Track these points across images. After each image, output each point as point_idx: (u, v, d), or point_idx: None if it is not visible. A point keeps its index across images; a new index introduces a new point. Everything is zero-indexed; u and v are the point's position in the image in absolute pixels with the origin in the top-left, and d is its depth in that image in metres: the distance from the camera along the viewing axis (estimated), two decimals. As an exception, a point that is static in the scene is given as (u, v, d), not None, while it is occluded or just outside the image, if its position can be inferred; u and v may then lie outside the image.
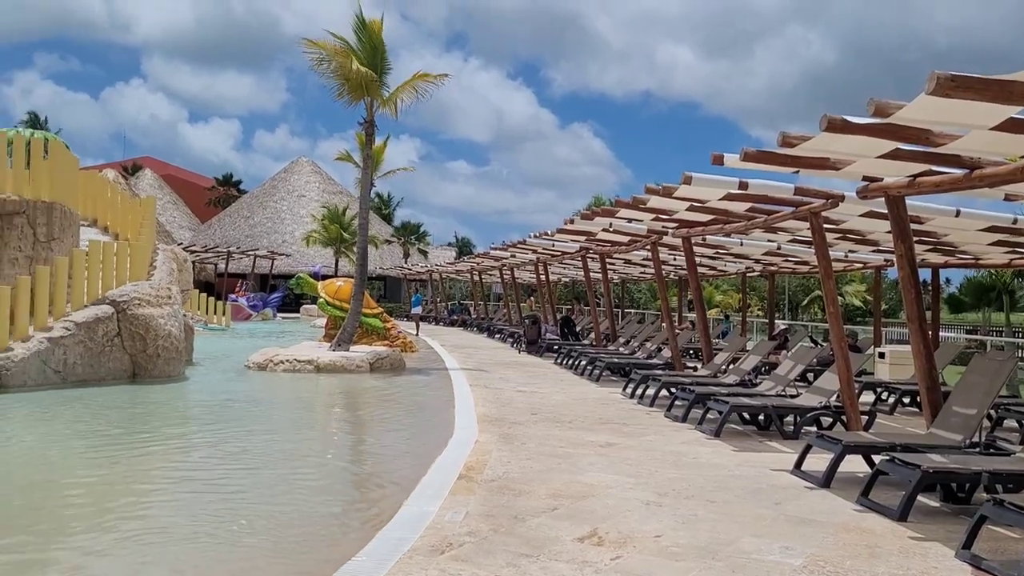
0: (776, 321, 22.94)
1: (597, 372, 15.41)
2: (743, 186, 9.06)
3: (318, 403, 13.33)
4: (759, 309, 39.69)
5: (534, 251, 23.04)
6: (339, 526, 6.11)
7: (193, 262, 29.37)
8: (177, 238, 53.27)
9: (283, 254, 53.05)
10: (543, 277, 26.91)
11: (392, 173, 23.02)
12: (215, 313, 32.43)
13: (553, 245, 20.07)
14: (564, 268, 29.56)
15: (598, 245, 18.05)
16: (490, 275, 39.46)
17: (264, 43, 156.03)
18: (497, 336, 29.26)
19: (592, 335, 22.32)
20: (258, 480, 7.54)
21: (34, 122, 55.96)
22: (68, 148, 17.90)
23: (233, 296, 40.69)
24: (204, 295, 32.84)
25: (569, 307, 37.08)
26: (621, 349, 18.67)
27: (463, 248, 76.11)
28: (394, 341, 21.04)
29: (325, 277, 31.51)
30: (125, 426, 10.34)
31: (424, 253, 60.87)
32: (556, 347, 20.38)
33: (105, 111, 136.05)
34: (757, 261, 18.91)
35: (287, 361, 16.10)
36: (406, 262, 56.61)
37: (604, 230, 15.01)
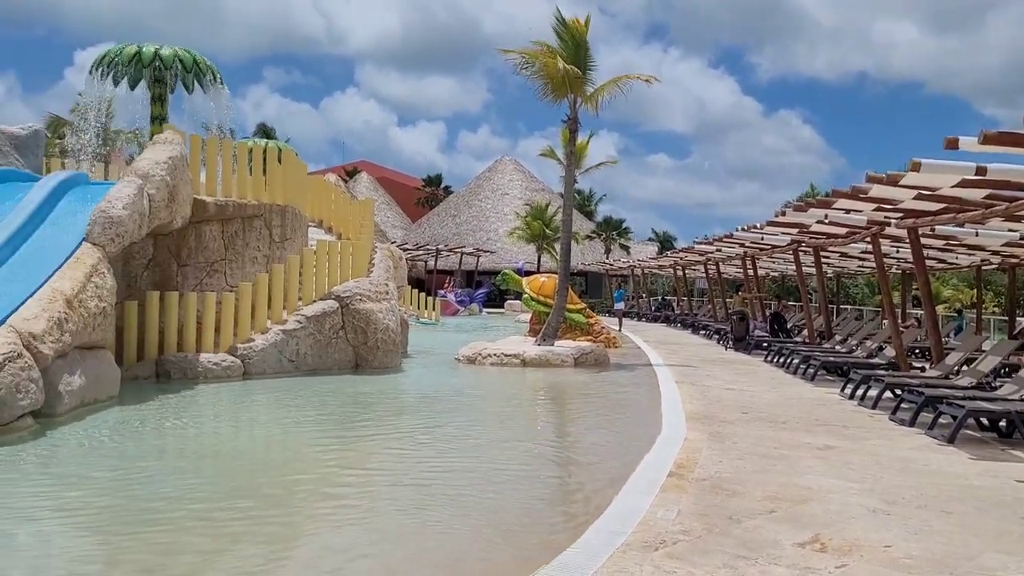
0: (1018, 319, 20.79)
1: (812, 371, 14.67)
2: (981, 171, 8.27)
3: (524, 396, 13.63)
4: (995, 305, 36.17)
5: (741, 245, 22.29)
6: (549, 516, 6.22)
7: (405, 259, 30.94)
8: (391, 237, 56.34)
9: (488, 251, 54.68)
10: (751, 272, 25.99)
11: (594, 168, 23.10)
12: (426, 308, 33.96)
13: (762, 238, 19.32)
14: (773, 262, 28.39)
15: (811, 238, 17.17)
16: (694, 270, 38.63)
17: (466, 46, 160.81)
18: (702, 332, 28.61)
19: (804, 332, 21.28)
20: (469, 467, 7.82)
21: (265, 132, 61.09)
22: (297, 155, 19.40)
23: (442, 292, 42.44)
24: (416, 291, 34.49)
25: (778, 302, 35.59)
26: (837, 347, 17.65)
27: (664, 243, 75.02)
28: (597, 336, 21.10)
29: (528, 273, 32.18)
30: (350, 412, 11.08)
31: (626, 248, 60.65)
32: (765, 344, 19.62)
33: (324, 119, 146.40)
34: (995, 253, 17.22)
35: (495, 355, 16.60)
36: (607, 257, 56.66)
37: (819, 222, 14.24)
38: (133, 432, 8.98)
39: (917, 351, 18.24)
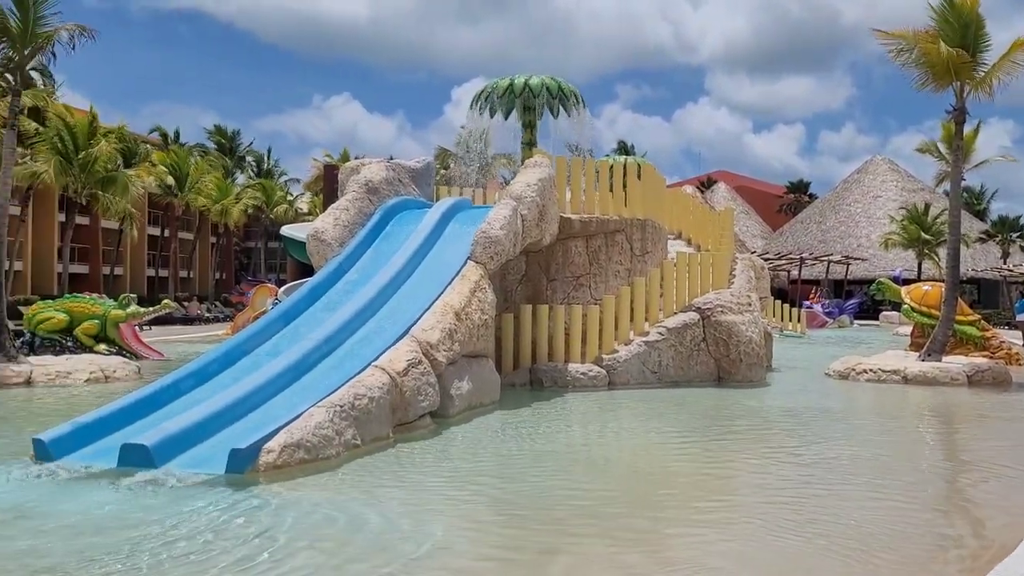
0: None
1: None
2: None
3: (906, 416, 12.40)
4: None
5: None
6: (940, 550, 5.58)
7: (767, 269, 29.92)
8: (750, 247, 55.00)
9: (858, 258, 51.01)
10: None
11: (985, 164, 20.47)
12: (790, 320, 32.57)
13: None
14: None
15: None
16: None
17: (823, 41, 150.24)
18: None
19: None
20: (842, 489, 7.28)
21: (624, 149, 62.95)
22: (656, 170, 19.69)
23: (808, 303, 40.39)
24: (779, 302, 33.22)
25: None
26: None
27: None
28: (995, 352, 18.53)
29: (908, 281, 29.36)
30: (713, 425, 10.94)
31: (1029, 251, 52.92)
32: None
33: (676, 131, 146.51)
34: None
35: (871, 371, 15.35)
36: (1005, 262, 49.77)
37: None
38: (513, 435, 9.71)
39: None
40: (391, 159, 15.61)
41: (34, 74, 32.58)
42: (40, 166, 30.37)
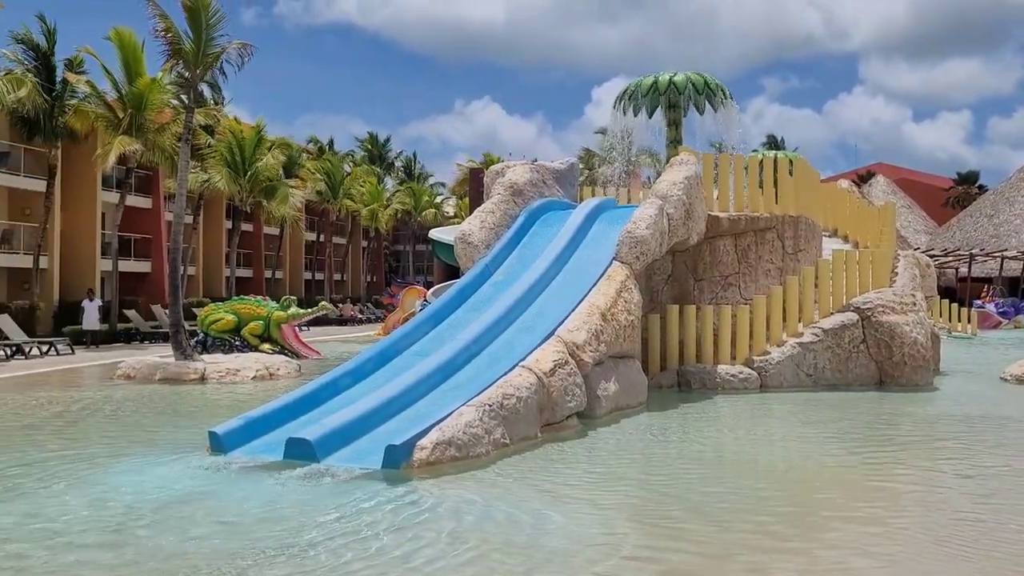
0: None
1: None
2: None
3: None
4: None
5: None
6: None
7: (933, 267, 28.15)
8: (913, 243, 51.85)
9: (1036, 254, 47.08)
10: None
11: None
12: (959, 320, 30.52)
13: None
14: None
15: None
16: None
17: (990, 20, 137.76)
18: None
19: None
20: (1018, 506, 6.72)
21: (773, 143, 60.71)
22: (808, 164, 18.90)
23: (979, 302, 37.72)
24: (946, 301, 31.21)
25: None
26: None
27: None
28: None
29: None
30: (875, 432, 10.38)
31: None
32: None
33: (827, 123, 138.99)
34: None
35: (1053, 375, 14.14)
36: None
37: None
38: (662, 436, 9.57)
39: None
40: (535, 161, 15.73)
41: (205, 90, 35.06)
42: (212, 174, 32.62)
